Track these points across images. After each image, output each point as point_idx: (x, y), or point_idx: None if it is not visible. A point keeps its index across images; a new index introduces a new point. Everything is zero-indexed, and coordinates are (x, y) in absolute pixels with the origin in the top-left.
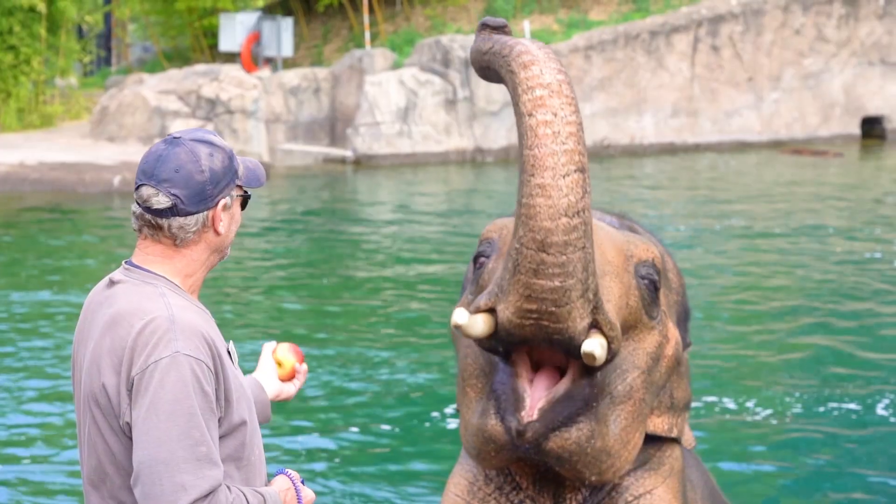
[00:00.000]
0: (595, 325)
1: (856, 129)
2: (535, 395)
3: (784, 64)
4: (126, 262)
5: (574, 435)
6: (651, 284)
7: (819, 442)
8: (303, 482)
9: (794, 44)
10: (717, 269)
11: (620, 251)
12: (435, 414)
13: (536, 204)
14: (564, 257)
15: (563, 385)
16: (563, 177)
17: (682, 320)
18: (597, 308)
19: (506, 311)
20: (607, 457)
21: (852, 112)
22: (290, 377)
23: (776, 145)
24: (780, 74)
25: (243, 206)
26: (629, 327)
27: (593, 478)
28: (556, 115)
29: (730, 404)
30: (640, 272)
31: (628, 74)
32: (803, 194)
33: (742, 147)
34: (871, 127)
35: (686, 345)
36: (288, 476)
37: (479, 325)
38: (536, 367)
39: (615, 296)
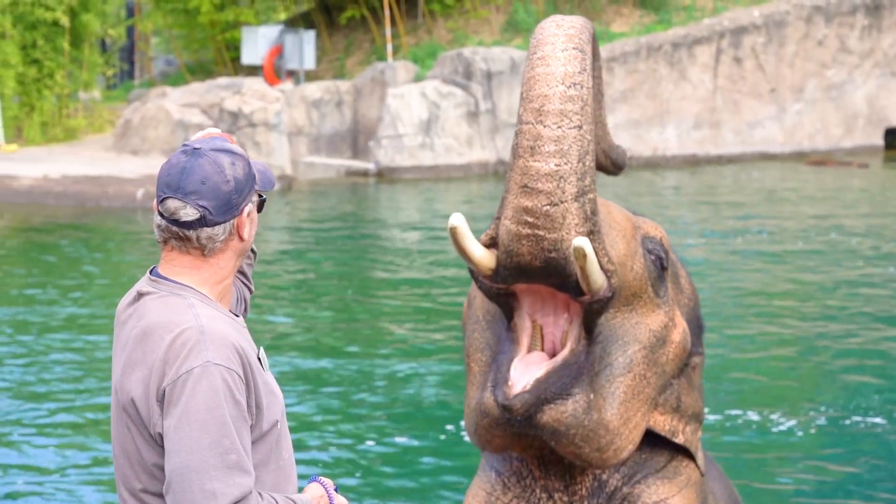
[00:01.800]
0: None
1: (879, 141)
2: (530, 370)
3: (807, 75)
4: (151, 273)
5: (570, 407)
6: (658, 261)
7: (843, 455)
8: (336, 490)
9: (816, 55)
10: (740, 281)
11: (628, 219)
12: (452, 427)
13: (536, 74)
14: (560, 131)
15: (561, 356)
16: (562, 51)
17: (697, 331)
18: (594, 233)
19: (505, 221)
20: (606, 432)
21: (875, 123)
22: None
23: (799, 157)
24: (802, 86)
25: (260, 209)
26: (632, 295)
27: (594, 455)
28: (558, 24)
29: (753, 416)
30: (647, 245)
31: (651, 86)
32: (827, 206)
33: (765, 158)
34: (895, 138)
35: (698, 353)
36: (321, 483)
37: (480, 249)
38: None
39: (620, 251)
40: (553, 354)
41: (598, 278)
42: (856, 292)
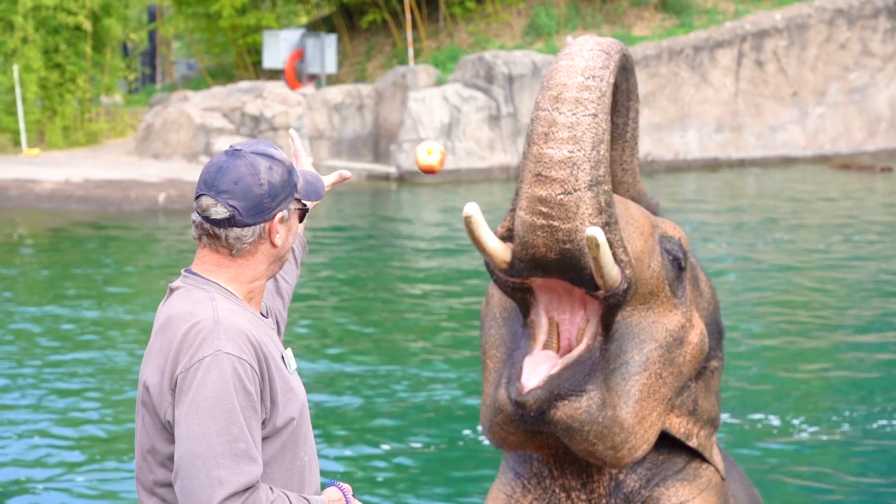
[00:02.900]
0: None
1: None
2: (543, 366)
3: (829, 78)
4: (185, 270)
5: (584, 404)
6: (676, 261)
7: (866, 460)
8: (354, 496)
9: (839, 58)
10: (762, 285)
11: (646, 217)
12: (469, 431)
13: (560, 67)
14: (574, 118)
15: (576, 352)
16: (588, 50)
17: (716, 336)
18: (610, 225)
19: (520, 213)
20: (620, 429)
21: None
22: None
23: (821, 160)
24: (825, 89)
25: (301, 218)
26: (649, 293)
27: (608, 453)
28: (594, 37)
29: (775, 421)
30: (665, 245)
31: (672, 89)
32: (850, 209)
33: (787, 162)
34: None
35: (717, 358)
36: (339, 488)
37: (494, 240)
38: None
39: (636, 247)
40: (569, 351)
41: (611, 270)
42: (878, 297)
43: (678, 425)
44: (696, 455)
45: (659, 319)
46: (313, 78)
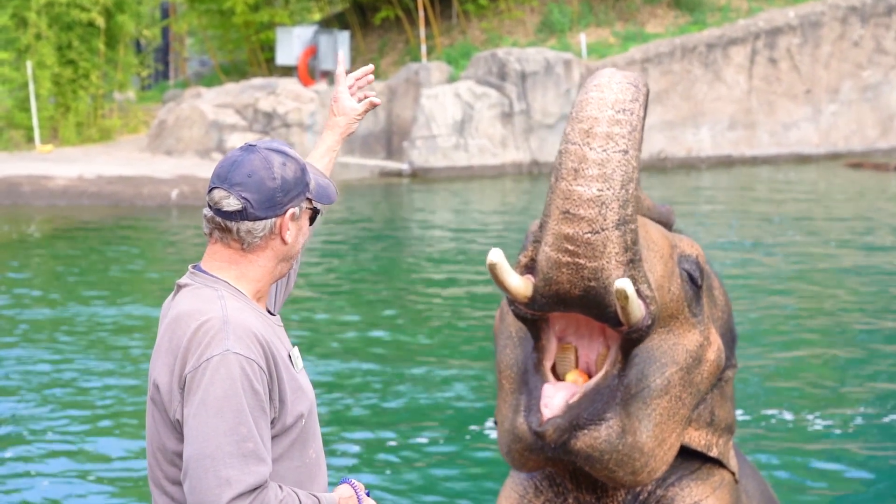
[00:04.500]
0: (633, 282)
1: None
2: (561, 395)
3: (842, 76)
4: (192, 267)
5: (604, 432)
6: (693, 280)
7: (879, 455)
8: (367, 494)
9: (852, 56)
10: (775, 282)
11: (665, 238)
12: (479, 428)
13: (590, 98)
14: (605, 154)
15: (594, 381)
16: (617, 83)
17: (730, 342)
18: (634, 262)
19: (545, 248)
20: (640, 454)
21: None
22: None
23: (834, 158)
24: (838, 87)
25: (312, 220)
26: (669, 316)
27: (627, 478)
28: (618, 70)
29: (788, 416)
30: (683, 265)
31: (685, 87)
32: (863, 208)
33: (800, 160)
34: None
35: (731, 366)
36: (351, 485)
37: (516, 279)
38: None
39: (657, 273)
40: (588, 374)
41: (637, 312)
42: (891, 294)
43: (698, 438)
44: (711, 457)
45: (679, 341)
46: (326, 75)
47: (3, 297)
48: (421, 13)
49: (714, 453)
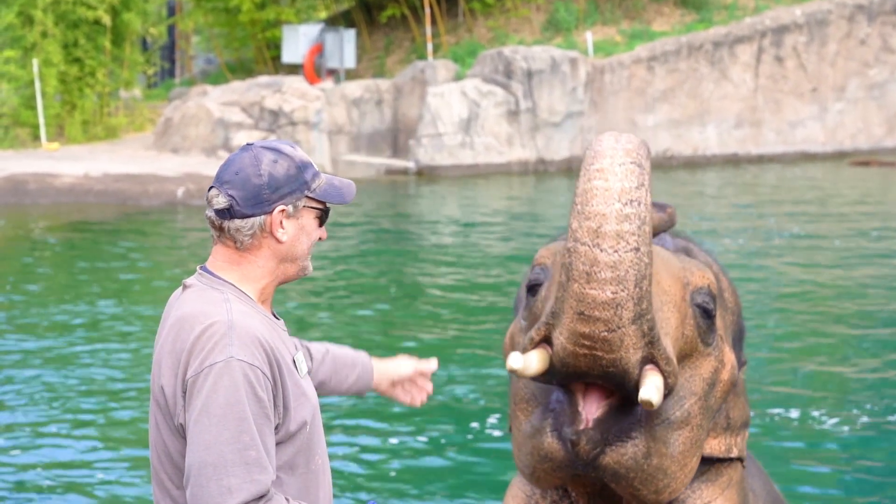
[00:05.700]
0: (651, 360)
1: None
2: (590, 408)
3: (849, 74)
4: (200, 268)
5: (630, 451)
6: (706, 312)
7: (885, 454)
8: None
9: (858, 54)
10: (780, 281)
11: (677, 279)
12: (483, 427)
13: (594, 187)
14: (617, 255)
15: (619, 397)
16: (620, 165)
17: (738, 340)
18: (653, 343)
19: (560, 338)
20: (664, 476)
21: None
22: None
23: (841, 156)
24: (844, 85)
25: (321, 221)
26: (685, 356)
27: (651, 496)
28: (617, 139)
29: (794, 414)
30: (696, 300)
31: (691, 85)
32: (869, 206)
33: (806, 158)
34: None
35: (741, 364)
36: None
37: (533, 364)
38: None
39: (672, 327)
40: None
41: (659, 401)
42: None
43: (717, 445)
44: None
45: (695, 373)
46: (332, 73)
47: (9, 294)
48: (427, 11)
49: (734, 454)
